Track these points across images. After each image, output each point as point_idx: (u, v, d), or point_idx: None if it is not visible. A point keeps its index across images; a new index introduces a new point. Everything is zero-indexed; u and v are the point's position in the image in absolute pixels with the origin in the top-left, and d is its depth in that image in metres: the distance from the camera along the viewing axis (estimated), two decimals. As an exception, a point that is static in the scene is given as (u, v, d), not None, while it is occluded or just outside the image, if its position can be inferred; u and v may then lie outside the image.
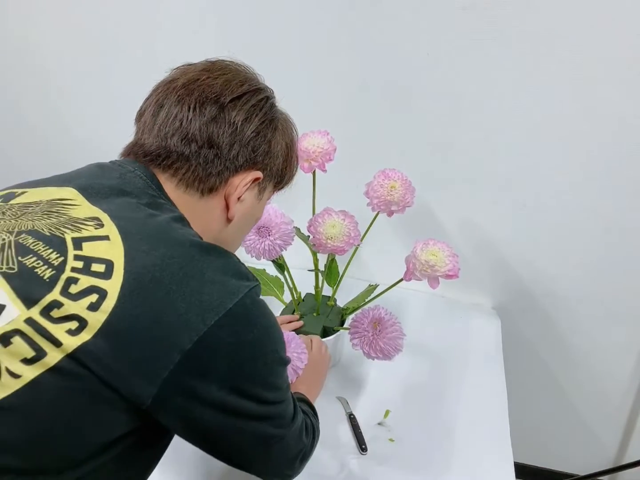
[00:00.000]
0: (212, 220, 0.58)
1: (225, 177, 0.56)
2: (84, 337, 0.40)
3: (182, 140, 0.54)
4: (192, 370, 0.43)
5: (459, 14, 0.97)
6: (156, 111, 0.56)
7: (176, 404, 0.44)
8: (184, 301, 0.43)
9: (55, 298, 0.41)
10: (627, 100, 0.97)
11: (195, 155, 0.54)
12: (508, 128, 1.05)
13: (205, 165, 0.54)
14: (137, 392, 0.41)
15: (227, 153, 0.55)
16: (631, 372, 1.23)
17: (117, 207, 0.49)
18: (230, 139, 0.55)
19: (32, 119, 1.36)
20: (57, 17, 1.20)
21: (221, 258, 0.48)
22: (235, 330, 0.45)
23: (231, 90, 0.56)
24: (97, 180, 0.53)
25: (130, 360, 0.41)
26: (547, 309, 1.22)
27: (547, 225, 1.12)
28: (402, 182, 0.86)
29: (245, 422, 0.49)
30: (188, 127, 0.54)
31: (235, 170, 0.56)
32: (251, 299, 0.47)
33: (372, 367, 1.00)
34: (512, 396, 0.95)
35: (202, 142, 0.54)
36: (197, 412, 0.45)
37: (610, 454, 1.36)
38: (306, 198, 0.91)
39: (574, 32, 0.94)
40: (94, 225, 0.46)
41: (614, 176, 1.04)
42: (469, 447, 0.84)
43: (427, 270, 0.79)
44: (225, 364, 0.45)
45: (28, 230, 0.45)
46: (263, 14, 1.08)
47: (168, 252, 0.45)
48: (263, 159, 0.58)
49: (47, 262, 0.43)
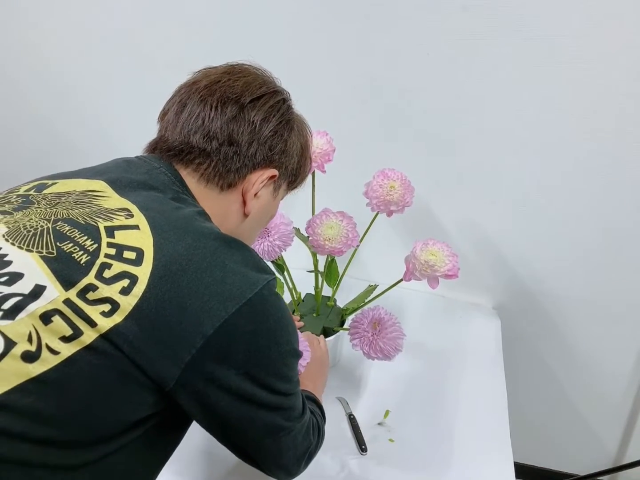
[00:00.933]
0: (230, 214, 0.61)
1: (243, 174, 0.59)
2: (116, 319, 0.42)
3: (204, 138, 0.57)
4: (212, 355, 0.45)
5: (458, 14, 0.97)
6: (179, 110, 0.59)
7: (196, 387, 0.46)
8: (207, 289, 0.45)
9: (90, 281, 0.43)
10: (628, 100, 0.97)
11: (216, 152, 0.57)
12: (508, 128, 1.05)
13: (225, 161, 0.57)
14: (162, 374, 0.44)
15: (246, 150, 0.58)
16: (631, 372, 1.23)
17: (144, 199, 0.52)
18: (249, 137, 0.58)
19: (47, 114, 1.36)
20: (67, 17, 1.20)
21: (242, 251, 0.51)
22: (254, 319, 0.47)
23: (251, 92, 0.59)
24: (125, 174, 0.55)
25: (157, 343, 0.43)
26: (547, 309, 1.22)
27: (547, 225, 1.12)
28: (401, 182, 0.86)
29: (257, 410, 0.51)
30: (210, 125, 0.57)
31: (253, 167, 0.59)
32: (269, 290, 0.49)
33: (372, 367, 1.00)
34: (512, 396, 0.95)
35: (222, 140, 0.57)
36: (214, 396, 0.47)
37: (610, 454, 1.36)
38: (306, 198, 0.91)
39: (574, 32, 0.94)
40: (124, 215, 0.49)
41: (614, 176, 1.04)
42: (469, 447, 0.84)
43: (426, 270, 0.79)
44: (243, 350, 0.47)
45: (64, 219, 0.48)
46: (264, 14, 1.08)
47: (194, 243, 0.47)
48: (279, 158, 0.61)
49: (83, 247, 0.45)
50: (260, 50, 1.08)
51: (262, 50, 1.10)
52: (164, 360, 0.44)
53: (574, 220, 1.10)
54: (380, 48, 1.04)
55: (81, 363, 0.41)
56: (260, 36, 1.10)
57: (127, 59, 1.20)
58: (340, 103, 1.12)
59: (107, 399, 0.43)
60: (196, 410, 0.49)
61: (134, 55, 1.20)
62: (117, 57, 1.21)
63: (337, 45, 1.06)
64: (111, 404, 0.43)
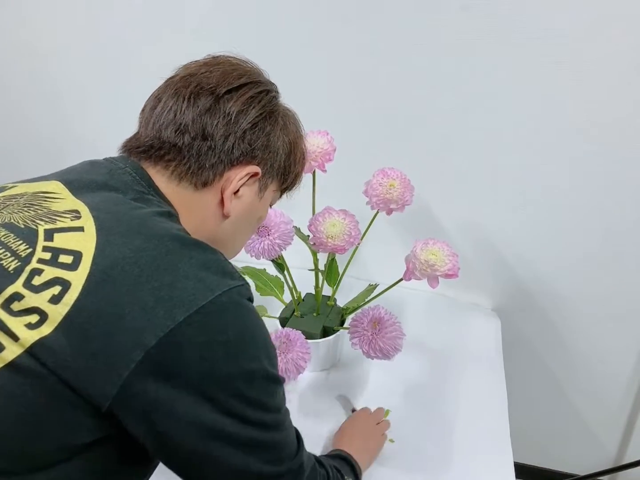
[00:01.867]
0: (207, 216, 0.56)
1: (219, 170, 0.54)
2: (43, 331, 0.38)
3: (176, 132, 0.53)
4: (155, 371, 0.39)
5: (458, 13, 0.97)
6: (154, 105, 0.55)
7: (139, 410, 0.40)
8: (152, 295, 0.40)
9: (16, 290, 0.40)
10: (628, 100, 0.97)
11: (188, 147, 0.52)
12: (508, 127, 1.05)
13: (199, 157, 0.53)
14: (94, 392, 0.38)
15: (221, 145, 0.53)
16: (631, 372, 1.23)
17: (100, 200, 0.48)
18: (224, 130, 0.53)
19: (36, 120, 1.36)
20: (65, 18, 1.20)
21: (205, 254, 0.46)
22: (207, 330, 0.41)
23: (228, 82, 0.54)
24: (86, 175, 0.52)
25: (89, 357, 0.38)
26: (547, 309, 1.22)
27: (547, 225, 1.12)
28: (401, 180, 0.86)
29: (222, 446, 0.42)
30: (181, 118, 0.52)
31: (231, 163, 0.54)
32: (230, 298, 0.43)
33: (371, 366, 1.00)
34: (512, 396, 0.95)
35: (195, 133, 0.52)
36: (162, 424, 0.40)
37: (610, 454, 1.36)
38: (306, 198, 0.91)
39: (575, 32, 0.94)
40: (70, 217, 0.45)
41: (615, 176, 1.04)
42: (469, 447, 0.84)
43: (426, 269, 0.79)
44: (194, 366, 0.40)
45: (4, 223, 0.45)
46: (265, 14, 1.08)
47: (143, 245, 0.43)
48: (261, 154, 0.56)
49: (14, 253, 0.42)
50: (260, 50, 1.09)
51: (262, 50, 1.10)
52: (97, 376, 0.38)
53: (574, 221, 1.10)
54: (380, 48, 1.04)
55: (4, 382, 0.37)
56: (261, 36, 1.10)
57: (120, 64, 1.21)
58: (340, 103, 1.12)
59: (38, 422, 0.38)
60: (147, 440, 0.41)
61: (126, 61, 1.20)
62: (112, 62, 1.21)
63: (337, 45, 1.06)
64: (44, 428, 0.38)
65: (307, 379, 0.96)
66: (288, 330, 0.85)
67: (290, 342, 0.83)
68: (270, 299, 1.00)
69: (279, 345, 0.83)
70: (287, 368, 0.81)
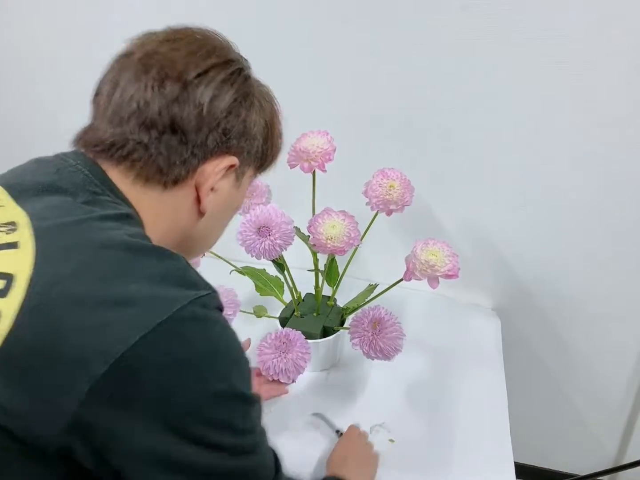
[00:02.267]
0: (180, 215, 0.50)
1: (193, 166, 0.48)
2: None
3: (140, 126, 0.46)
4: (109, 400, 0.34)
5: (458, 13, 0.97)
6: (111, 91, 0.47)
7: (91, 447, 0.35)
8: (100, 316, 0.35)
9: None
10: (629, 99, 0.97)
11: (156, 143, 0.46)
12: (508, 127, 1.05)
13: (169, 153, 0.46)
14: (37, 433, 0.34)
15: (193, 138, 0.47)
16: (631, 372, 1.23)
17: (44, 206, 0.42)
18: (196, 121, 0.46)
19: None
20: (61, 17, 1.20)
21: (162, 262, 0.40)
22: (166, 350, 0.36)
23: (195, 64, 0.47)
24: (31, 176, 0.46)
25: (29, 393, 0.33)
26: (547, 309, 1.22)
27: (548, 225, 1.12)
28: (401, 181, 0.86)
29: (188, 478, 0.38)
30: (147, 110, 0.45)
31: (205, 157, 0.48)
32: (193, 311, 0.38)
33: (371, 366, 1.00)
34: (512, 396, 0.95)
35: (163, 127, 0.46)
36: (119, 458, 0.36)
37: (610, 454, 1.36)
38: (306, 198, 0.91)
39: (575, 32, 0.94)
40: (6, 230, 0.39)
41: (615, 176, 1.04)
42: (469, 447, 0.84)
43: (427, 269, 0.79)
44: (153, 392, 0.35)
45: None
46: (265, 14, 1.08)
47: (89, 259, 0.37)
48: (238, 142, 0.50)
49: None
50: (260, 50, 1.09)
51: (263, 50, 1.10)
52: (39, 415, 0.33)
53: (574, 221, 1.10)
54: (380, 47, 1.04)
55: None
56: (261, 36, 1.10)
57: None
58: (340, 103, 1.12)
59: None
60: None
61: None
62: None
63: (337, 45, 1.06)
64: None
65: (307, 379, 0.96)
66: (288, 331, 0.85)
67: (290, 342, 0.83)
68: (270, 299, 1.00)
69: (279, 345, 0.83)
70: (287, 368, 0.81)
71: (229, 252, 0.95)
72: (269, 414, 0.88)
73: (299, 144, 0.85)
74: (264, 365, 0.81)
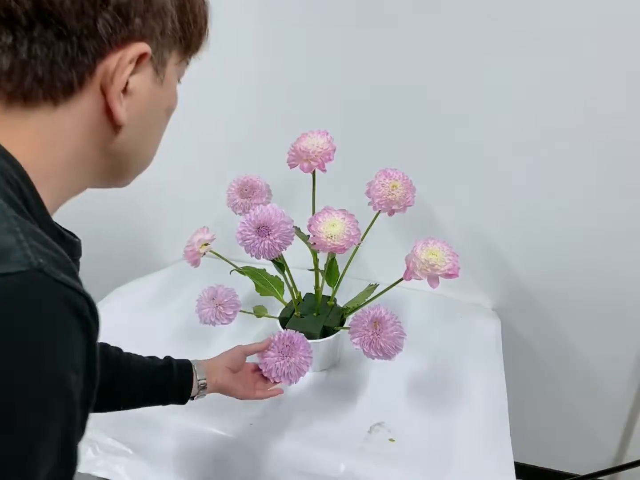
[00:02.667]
0: (89, 134, 0.39)
1: (86, 65, 0.36)
2: None
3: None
4: None
5: (458, 14, 0.97)
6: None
7: None
8: None
9: None
10: (629, 99, 0.97)
11: (26, 44, 0.34)
12: (508, 127, 1.05)
13: (47, 55, 0.34)
14: None
15: (75, 26, 0.34)
16: (631, 372, 1.23)
17: None
18: (72, 1, 0.34)
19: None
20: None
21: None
22: None
23: None
24: None
25: None
26: (547, 309, 1.22)
27: (548, 225, 1.12)
28: (403, 181, 0.86)
29: None
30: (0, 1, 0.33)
31: (101, 50, 0.36)
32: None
33: (372, 366, 1.00)
34: (512, 396, 0.95)
35: (28, 20, 0.33)
36: None
37: (610, 454, 1.36)
38: (306, 198, 0.91)
39: (575, 32, 0.94)
40: None
41: (615, 176, 1.04)
42: (469, 447, 0.84)
43: (427, 269, 0.79)
44: None
45: None
46: (266, 14, 1.08)
47: None
48: (143, 21, 0.38)
49: None
50: (260, 51, 1.09)
51: (263, 51, 1.11)
52: None
53: (573, 221, 1.10)
54: (380, 48, 1.04)
55: None
56: (261, 36, 1.10)
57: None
58: (340, 102, 1.12)
59: None
60: None
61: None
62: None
63: (338, 45, 1.06)
64: None
65: (307, 379, 0.96)
66: (291, 333, 0.84)
67: (293, 346, 0.82)
68: (270, 299, 1.00)
69: (282, 348, 0.82)
70: (289, 372, 0.81)
71: (229, 252, 0.95)
72: (264, 419, 0.88)
73: (299, 144, 0.85)
74: (266, 367, 0.81)
